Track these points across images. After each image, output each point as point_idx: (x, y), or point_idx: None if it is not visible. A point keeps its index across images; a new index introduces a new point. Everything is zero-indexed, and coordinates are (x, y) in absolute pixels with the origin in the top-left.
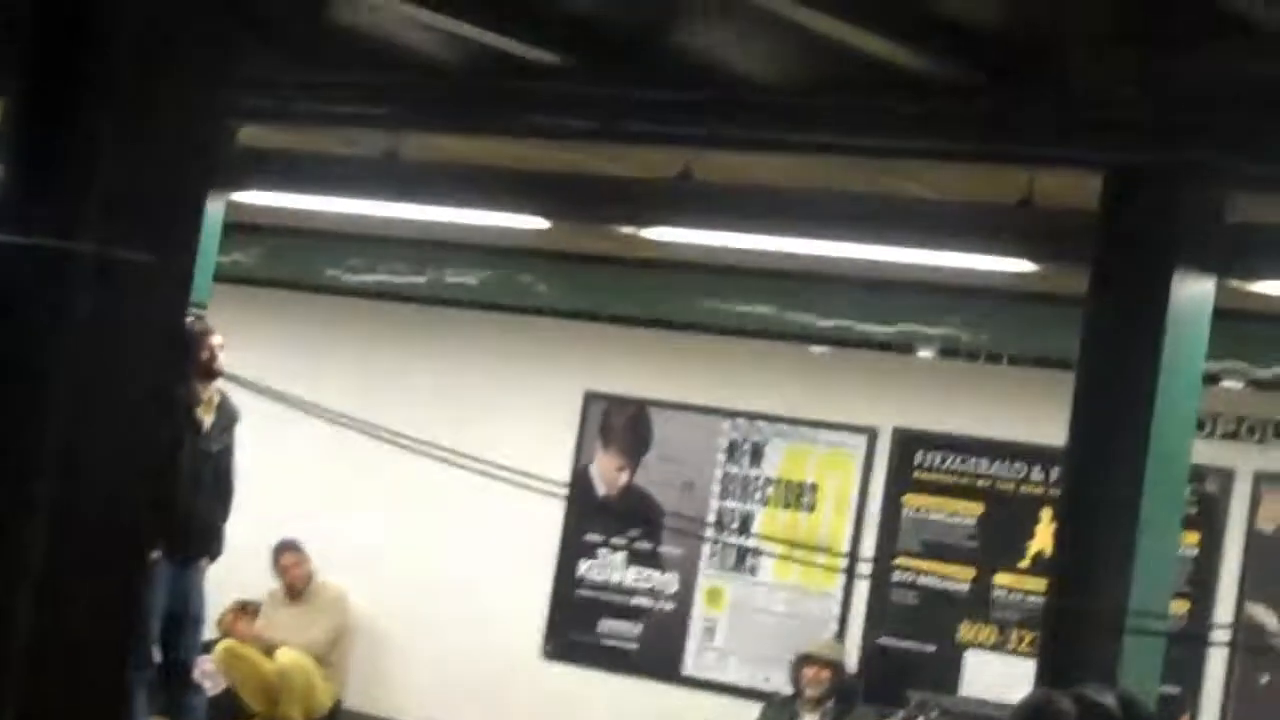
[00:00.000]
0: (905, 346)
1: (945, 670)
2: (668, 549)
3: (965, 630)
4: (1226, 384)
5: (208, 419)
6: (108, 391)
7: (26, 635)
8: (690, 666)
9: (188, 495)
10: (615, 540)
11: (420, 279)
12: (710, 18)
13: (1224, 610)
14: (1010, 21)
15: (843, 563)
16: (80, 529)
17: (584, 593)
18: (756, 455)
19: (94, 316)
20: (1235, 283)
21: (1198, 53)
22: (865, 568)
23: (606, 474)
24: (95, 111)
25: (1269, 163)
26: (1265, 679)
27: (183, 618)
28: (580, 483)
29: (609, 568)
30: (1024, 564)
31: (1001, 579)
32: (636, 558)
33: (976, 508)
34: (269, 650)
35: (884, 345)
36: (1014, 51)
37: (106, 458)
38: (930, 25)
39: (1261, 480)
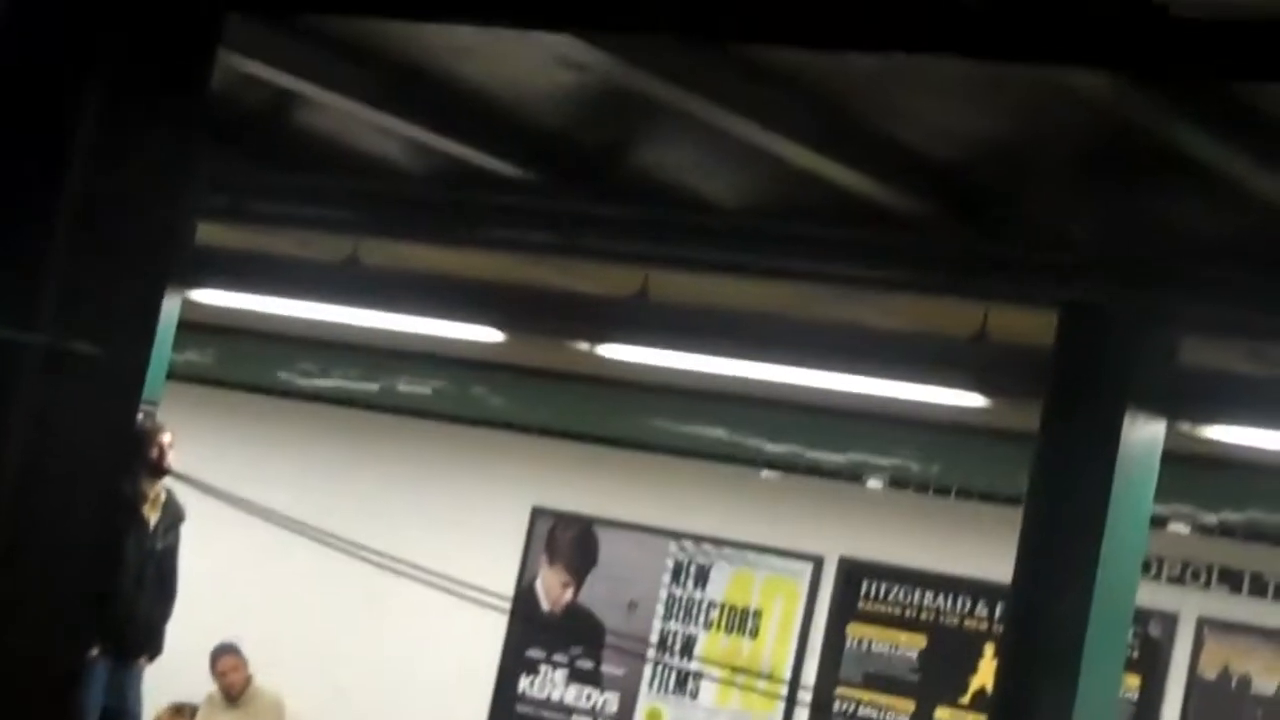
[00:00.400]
0: (855, 475)
1: None
2: (609, 668)
3: None
4: (1173, 527)
5: (153, 517)
6: (54, 484)
7: None
8: None
9: (130, 593)
10: (557, 657)
11: (373, 386)
12: (672, 138)
13: None
14: (970, 157)
15: (784, 690)
16: (20, 621)
17: (523, 709)
18: (702, 578)
19: (44, 408)
20: (1185, 426)
21: (1153, 195)
22: (806, 696)
23: (551, 590)
24: (52, 204)
25: (1221, 307)
26: None
27: (120, 717)
28: (524, 597)
29: (549, 685)
30: (965, 700)
31: (942, 713)
32: (577, 676)
33: (920, 640)
34: None
35: (834, 473)
36: (973, 187)
37: (50, 550)
38: (891, 157)
39: (1205, 625)
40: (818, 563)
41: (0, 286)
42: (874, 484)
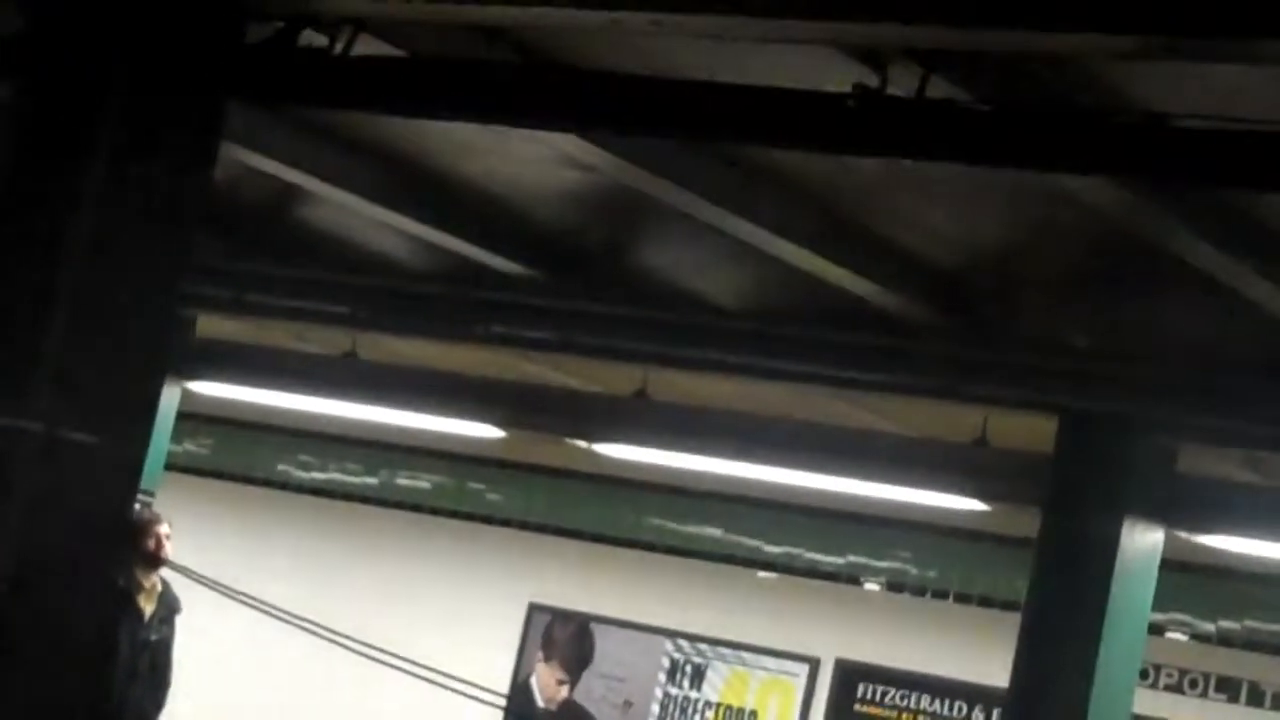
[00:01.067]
0: (852, 577)
1: None
2: None
3: None
4: (1171, 635)
5: (149, 607)
6: (50, 572)
7: None
8: None
9: (123, 683)
10: None
11: (371, 479)
12: (673, 238)
13: None
14: (970, 262)
15: None
16: (15, 712)
17: None
18: (698, 677)
19: (40, 496)
20: (1184, 534)
21: (1153, 302)
22: None
23: (546, 687)
24: (50, 291)
25: (1220, 415)
26: None
27: None
28: (519, 694)
29: None
30: None
31: None
32: None
33: None
34: None
35: (831, 575)
36: (973, 291)
37: (44, 639)
38: (891, 261)
39: None
40: (814, 664)
41: None
42: (871, 586)
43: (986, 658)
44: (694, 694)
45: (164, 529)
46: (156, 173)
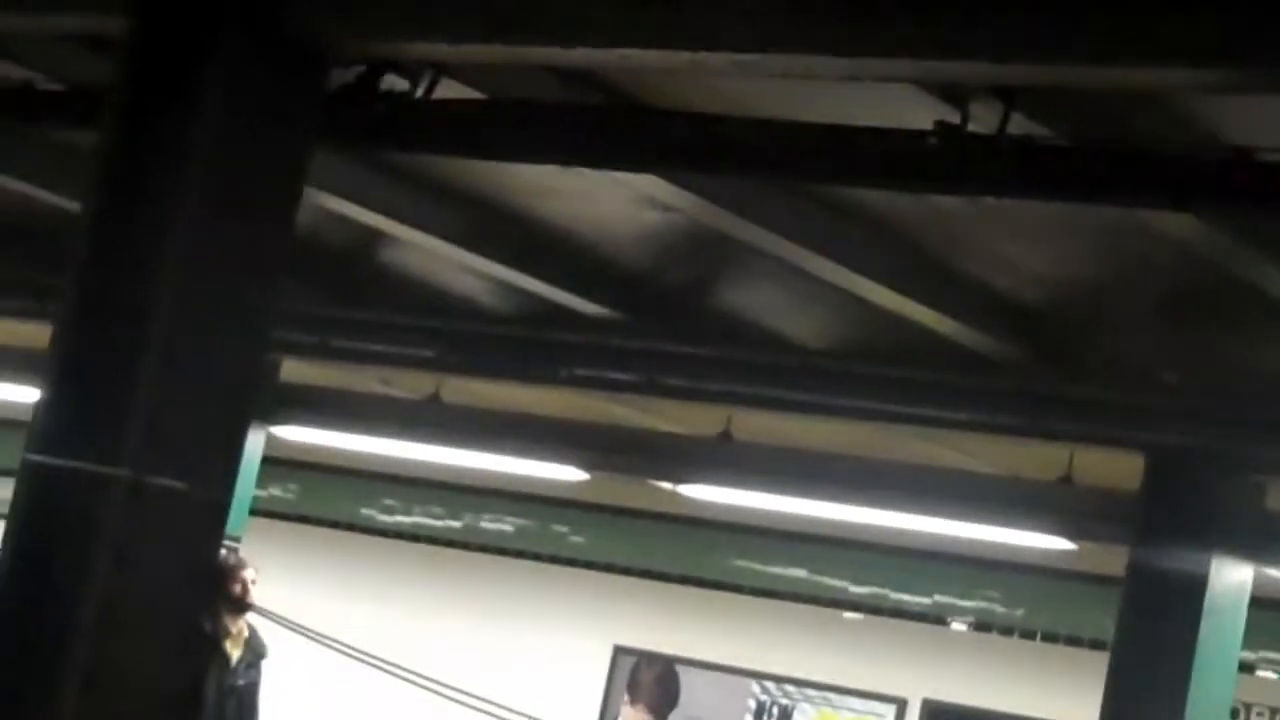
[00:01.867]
0: (939, 618)
1: None
2: None
3: None
4: (1262, 673)
5: (235, 653)
6: (136, 618)
7: None
8: None
9: None
10: None
11: (455, 523)
12: (755, 278)
13: None
14: (1055, 298)
15: None
16: None
17: None
18: (784, 719)
19: (126, 542)
20: (1274, 571)
21: (1240, 338)
22: None
23: None
24: (138, 339)
25: None
26: None
27: None
28: None
29: None
30: None
31: None
32: None
33: None
34: None
35: (918, 615)
36: (1058, 328)
37: (131, 686)
38: (975, 298)
39: None
40: (901, 705)
41: (86, 420)
42: (958, 626)
43: (1076, 698)
44: None
45: (250, 574)
46: (243, 220)
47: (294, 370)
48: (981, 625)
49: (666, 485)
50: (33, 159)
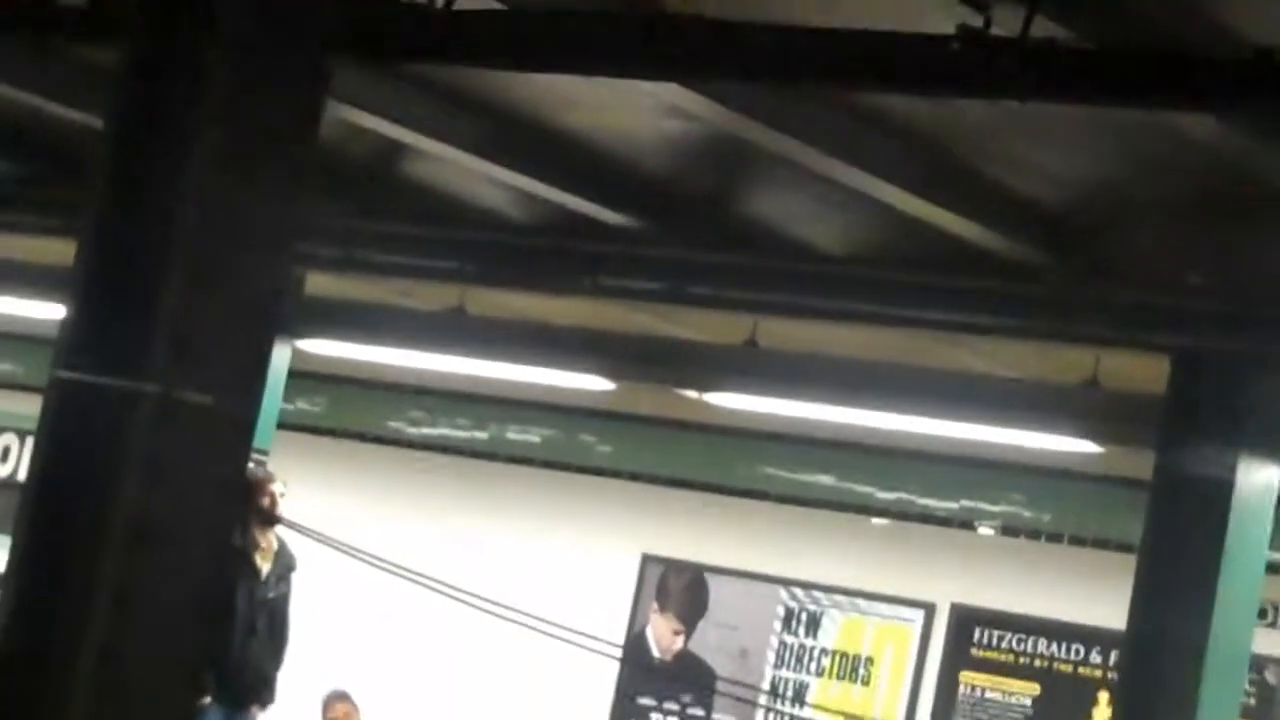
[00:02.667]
0: (966, 523)
1: None
2: (721, 716)
3: None
4: None
5: (265, 566)
6: (166, 532)
7: None
8: None
9: (242, 641)
10: (668, 705)
11: (481, 434)
12: (780, 186)
13: None
14: (1079, 202)
15: None
16: (132, 670)
17: None
18: (813, 625)
19: (156, 457)
20: None
21: (1266, 239)
22: None
23: (662, 637)
24: (163, 254)
25: None
26: None
27: None
28: (635, 645)
29: None
30: None
31: None
32: None
33: (1033, 688)
34: None
35: (945, 520)
36: (1083, 232)
37: (161, 599)
38: (1000, 203)
39: None
40: (929, 610)
41: (113, 337)
42: (985, 531)
43: (1103, 600)
44: (809, 642)
45: (278, 487)
46: (264, 132)
47: (319, 284)
48: (1009, 530)
49: (693, 394)
50: (54, 75)
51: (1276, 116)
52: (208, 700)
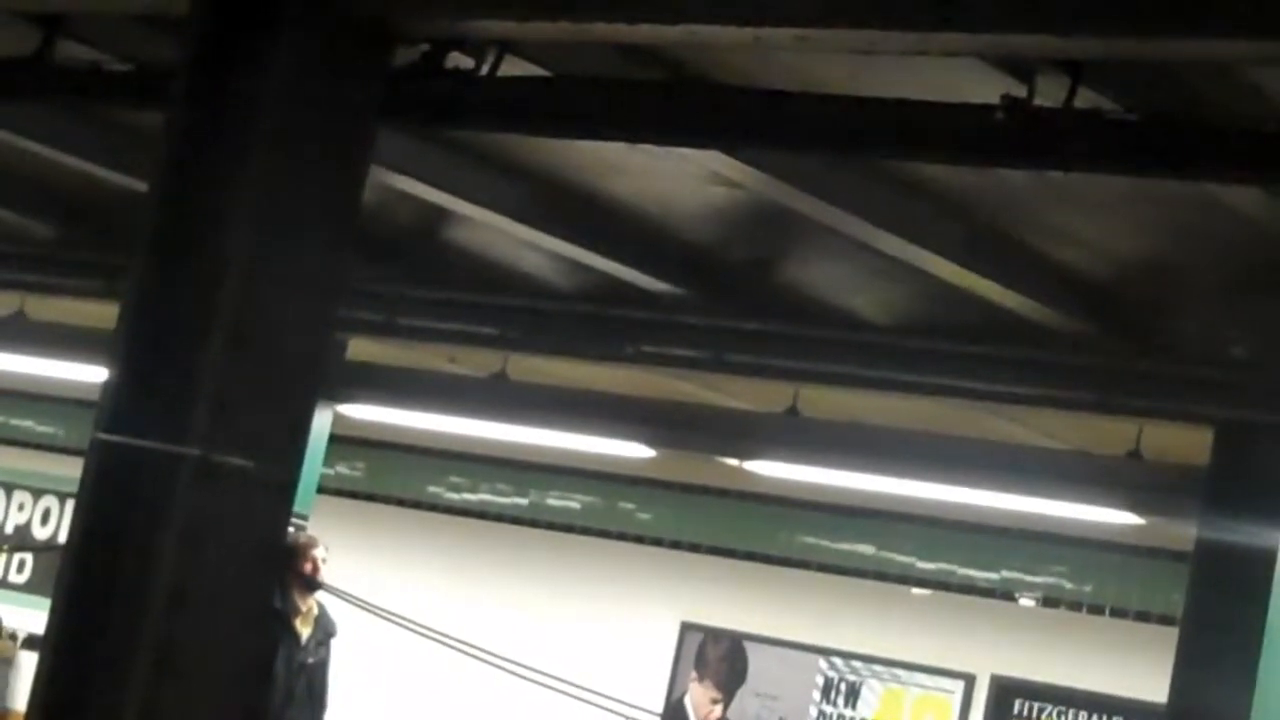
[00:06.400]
0: (1007, 593)
1: None
2: None
3: None
4: None
5: (305, 630)
6: (206, 596)
7: None
8: None
9: (280, 707)
10: None
11: (522, 500)
12: (822, 254)
13: None
14: (1123, 273)
15: None
16: None
17: None
18: (852, 695)
19: (196, 520)
20: None
21: None
22: None
23: (700, 706)
24: (206, 318)
25: None
26: None
27: None
28: (674, 713)
29: None
30: None
31: None
32: None
33: None
34: None
35: (986, 591)
36: (1126, 303)
37: (201, 663)
38: (1042, 273)
39: None
40: (970, 681)
41: (156, 399)
42: (1026, 602)
43: (1144, 673)
44: (849, 712)
45: (320, 552)
46: (309, 197)
47: (361, 348)
48: (1050, 601)
49: (733, 461)
50: (100, 140)
51: None
52: None
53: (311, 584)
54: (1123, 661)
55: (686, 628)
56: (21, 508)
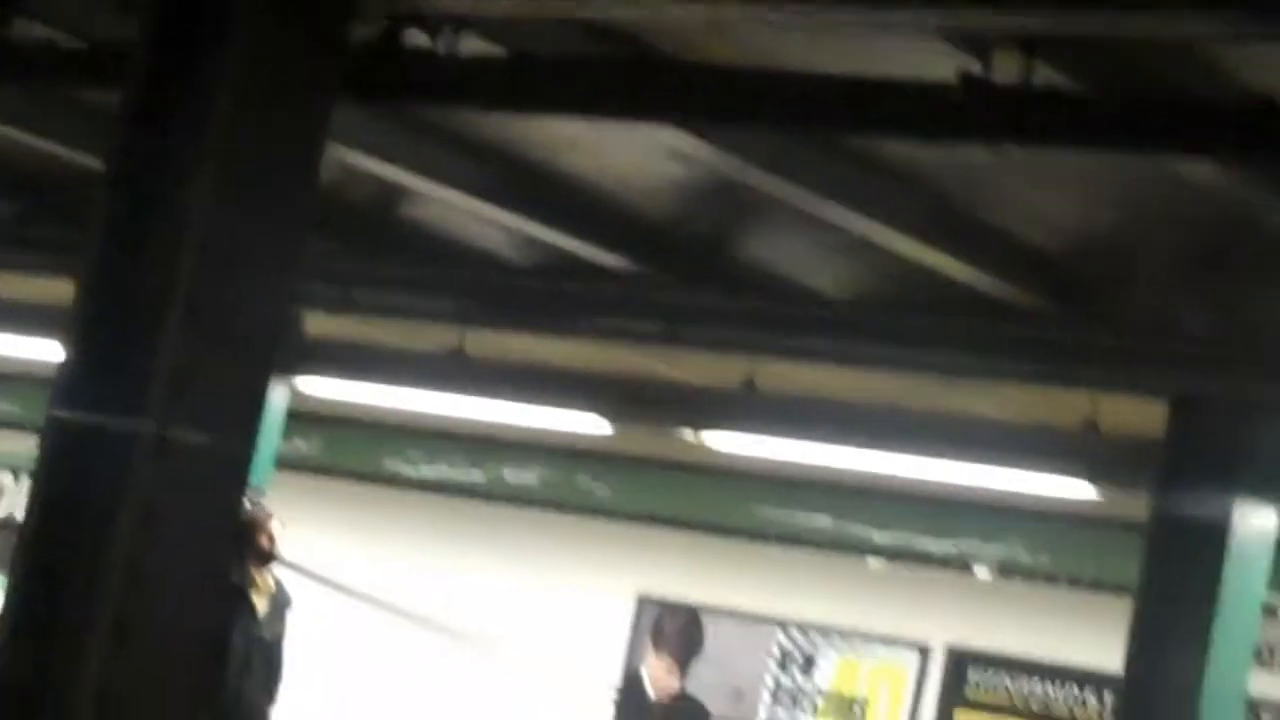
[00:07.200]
0: (962, 564)
1: None
2: None
3: None
4: None
5: (262, 604)
6: (162, 571)
7: None
8: None
9: (237, 679)
10: None
11: (479, 475)
12: (778, 229)
13: None
14: (1079, 247)
15: None
16: (129, 708)
17: None
18: (808, 666)
19: (152, 496)
20: None
21: (1264, 285)
22: None
23: (658, 678)
24: (161, 293)
25: None
26: None
27: None
28: (631, 685)
29: None
30: None
31: None
32: None
33: None
34: None
35: (941, 562)
36: (1082, 277)
37: (158, 638)
38: (1000, 248)
39: None
40: (925, 651)
41: (110, 375)
42: (982, 573)
43: (1100, 643)
44: (805, 682)
45: (276, 526)
46: (264, 174)
47: (318, 324)
48: (1005, 571)
49: (690, 435)
50: (56, 118)
51: (1276, 163)
52: None
53: (268, 557)
54: (1078, 631)
55: (643, 600)
56: None
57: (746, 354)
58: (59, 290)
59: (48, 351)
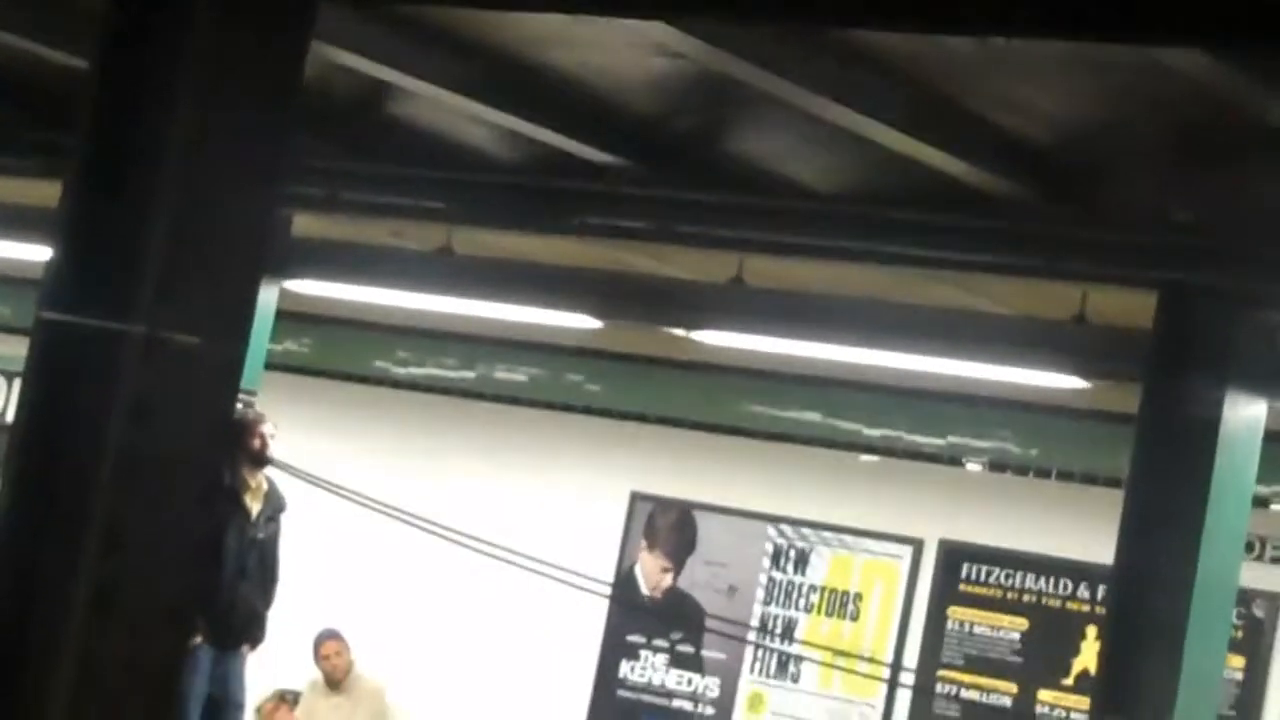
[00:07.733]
0: (954, 459)
1: None
2: (710, 653)
3: None
4: (1276, 507)
5: (255, 506)
6: (153, 473)
7: (66, 714)
8: None
9: (232, 581)
10: (658, 642)
11: (469, 374)
12: (766, 124)
13: None
14: (1067, 139)
15: (885, 673)
16: (123, 610)
17: (625, 694)
18: (801, 562)
19: (142, 398)
20: None
21: (1253, 175)
22: (908, 679)
23: (651, 575)
24: (149, 194)
25: None
26: None
27: (223, 704)
28: (624, 583)
29: (650, 669)
30: (1068, 681)
31: (1045, 695)
32: (678, 660)
33: (1021, 623)
34: None
35: (933, 456)
36: (1070, 168)
37: (151, 541)
38: (987, 140)
39: None
40: (918, 546)
41: (99, 277)
42: (973, 467)
43: (1091, 535)
44: (798, 578)
45: (268, 428)
46: (249, 72)
47: (305, 224)
48: (996, 465)
49: (680, 331)
50: (40, 17)
51: (1265, 52)
52: (199, 640)
53: (260, 460)
54: (1069, 524)
55: (636, 498)
56: None
57: (735, 249)
58: (45, 192)
59: (36, 254)
